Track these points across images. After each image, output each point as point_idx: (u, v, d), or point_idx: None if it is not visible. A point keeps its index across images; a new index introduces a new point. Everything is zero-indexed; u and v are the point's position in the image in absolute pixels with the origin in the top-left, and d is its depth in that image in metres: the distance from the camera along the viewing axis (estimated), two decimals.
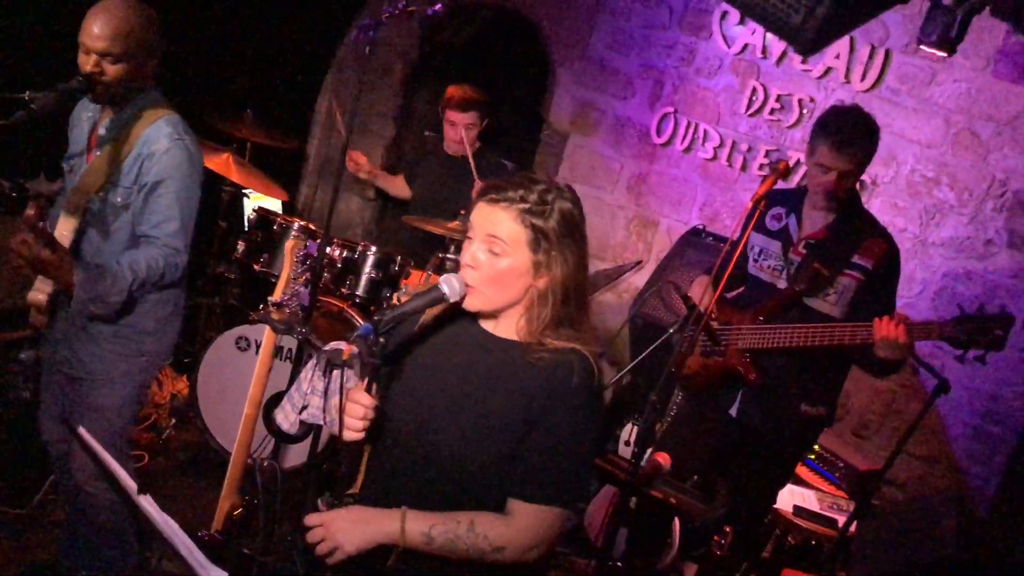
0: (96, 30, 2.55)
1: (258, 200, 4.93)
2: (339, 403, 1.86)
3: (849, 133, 3.01)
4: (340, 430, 1.84)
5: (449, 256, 4.02)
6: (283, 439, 3.63)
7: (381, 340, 1.78)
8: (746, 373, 3.19)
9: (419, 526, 1.84)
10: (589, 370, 1.90)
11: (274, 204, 5.06)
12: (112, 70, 2.59)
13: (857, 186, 3.23)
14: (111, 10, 2.57)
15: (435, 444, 1.91)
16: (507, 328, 1.96)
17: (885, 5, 1.33)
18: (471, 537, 1.84)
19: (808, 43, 1.16)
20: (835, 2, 1.12)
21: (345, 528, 1.83)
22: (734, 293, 3.46)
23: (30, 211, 2.35)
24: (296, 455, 3.92)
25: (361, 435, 1.86)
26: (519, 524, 1.87)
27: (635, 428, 4.25)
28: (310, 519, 1.86)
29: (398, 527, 1.84)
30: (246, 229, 4.50)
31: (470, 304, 1.90)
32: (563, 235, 1.88)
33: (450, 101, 4.53)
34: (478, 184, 4.26)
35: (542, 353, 1.89)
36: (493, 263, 1.87)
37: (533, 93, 5.79)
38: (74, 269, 2.51)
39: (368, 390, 1.85)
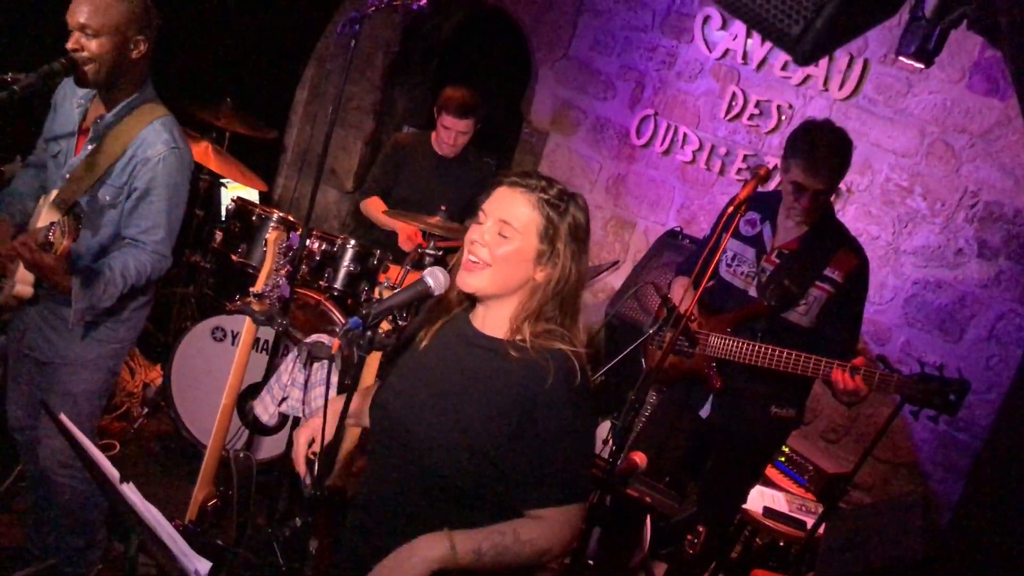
0: (76, 4, 2.52)
1: (236, 190, 4.91)
2: (324, 395, 1.86)
3: (823, 152, 3.03)
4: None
5: (428, 251, 4.01)
6: (258, 430, 3.63)
7: (368, 334, 1.78)
8: (712, 380, 3.27)
9: (469, 545, 1.84)
10: (568, 369, 1.87)
11: (251, 194, 5.03)
12: (91, 46, 2.53)
13: (831, 196, 3.27)
14: None
15: (412, 440, 1.90)
16: (495, 322, 1.94)
17: (878, 19, 1.37)
18: (518, 546, 1.86)
19: (806, 53, 1.19)
20: (832, 15, 1.16)
21: (398, 571, 1.81)
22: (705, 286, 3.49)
23: (65, 243, 2.42)
24: (269, 447, 3.91)
25: None
26: (555, 526, 1.90)
27: (611, 426, 4.27)
28: None
29: (448, 551, 1.82)
30: (223, 219, 4.46)
31: (469, 283, 1.89)
32: (572, 238, 1.91)
33: (448, 105, 4.31)
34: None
35: (521, 352, 1.87)
36: (501, 243, 1.88)
37: (513, 90, 5.80)
38: (71, 276, 2.52)
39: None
